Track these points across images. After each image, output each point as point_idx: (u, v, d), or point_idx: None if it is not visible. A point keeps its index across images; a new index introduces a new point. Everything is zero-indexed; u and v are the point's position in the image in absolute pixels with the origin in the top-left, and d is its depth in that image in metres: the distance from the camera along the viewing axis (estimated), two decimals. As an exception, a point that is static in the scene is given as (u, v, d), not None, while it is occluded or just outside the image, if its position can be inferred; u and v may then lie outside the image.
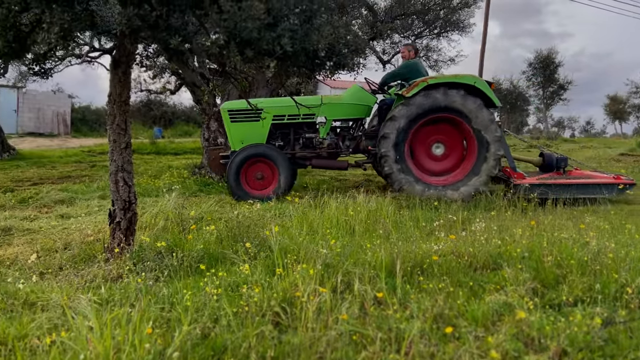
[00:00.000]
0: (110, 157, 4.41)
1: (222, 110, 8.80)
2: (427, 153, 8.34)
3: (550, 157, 8.63)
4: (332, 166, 8.76)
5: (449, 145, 8.32)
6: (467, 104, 7.78)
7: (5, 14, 3.60)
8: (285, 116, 8.49)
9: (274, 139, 8.67)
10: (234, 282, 3.56)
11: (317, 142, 8.60)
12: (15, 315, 3.11)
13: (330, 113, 8.49)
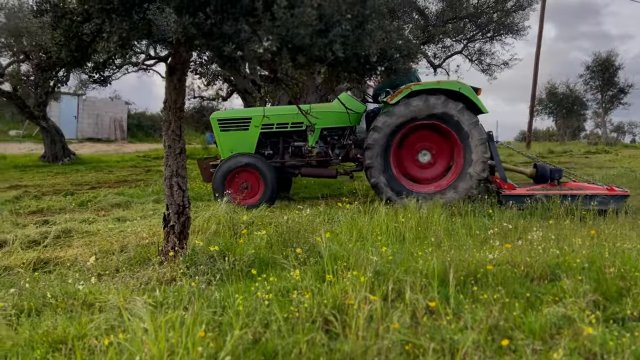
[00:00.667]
0: (165, 162, 4.51)
1: (212, 120, 8.90)
2: (413, 161, 8.30)
3: (543, 168, 8.48)
4: (321, 174, 8.71)
5: (435, 152, 8.28)
6: (449, 110, 7.72)
7: (69, 24, 3.76)
8: (274, 125, 8.51)
9: (263, 147, 8.65)
10: (284, 287, 3.57)
11: (305, 150, 8.58)
12: (75, 315, 3.22)
13: (320, 121, 8.42)
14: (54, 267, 4.72)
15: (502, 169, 8.15)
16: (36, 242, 5.79)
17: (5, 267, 4.61)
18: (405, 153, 8.27)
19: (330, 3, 3.23)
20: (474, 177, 7.80)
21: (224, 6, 3.25)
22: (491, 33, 13.85)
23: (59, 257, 4.96)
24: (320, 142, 8.60)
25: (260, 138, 8.55)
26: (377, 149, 7.83)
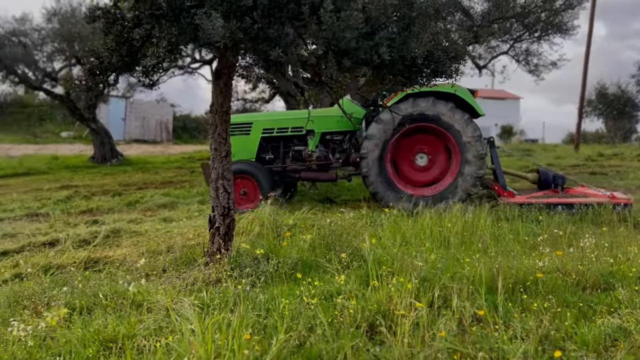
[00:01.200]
0: (211, 164, 4.58)
1: None
2: (411, 164, 8.25)
3: (546, 174, 8.26)
4: (321, 178, 8.69)
5: (433, 154, 8.18)
6: (439, 110, 7.65)
7: (120, 30, 3.86)
8: (275, 129, 8.54)
9: (264, 152, 8.66)
10: (326, 291, 3.56)
11: (306, 154, 8.57)
12: (124, 314, 3.30)
13: (319, 126, 8.45)
14: (103, 266, 4.85)
15: (502, 176, 8.02)
16: (86, 242, 5.98)
17: (58, 265, 4.76)
18: (402, 157, 8.28)
19: (376, 6, 3.21)
20: (472, 176, 7.72)
21: (270, 11, 3.27)
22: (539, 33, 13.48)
23: (108, 257, 5.10)
24: (321, 146, 8.61)
25: (261, 143, 8.58)
26: (372, 157, 7.86)
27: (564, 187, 8.00)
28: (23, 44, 15.34)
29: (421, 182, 8.21)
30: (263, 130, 8.53)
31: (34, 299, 3.52)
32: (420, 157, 8.22)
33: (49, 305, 3.52)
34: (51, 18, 15.85)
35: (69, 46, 15.93)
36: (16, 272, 4.67)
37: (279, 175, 8.60)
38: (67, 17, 15.16)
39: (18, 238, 6.54)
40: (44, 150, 21.64)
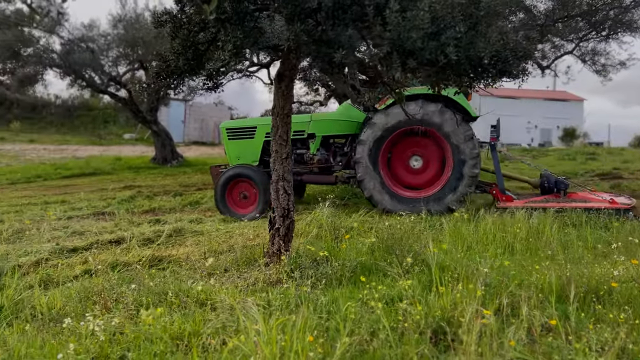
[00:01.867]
0: (272, 166, 4.62)
1: (221, 129, 9.24)
2: (405, 167, 8.21)
3: (548, 179, 8.06)
4: (322, 181, 8.83)
5: (427, 157, 8.16)
6: (428, 112, 7.62)
7: (186, 34, 3.95)
8: None
9: (268, 155, 8.42)
10: (388, 295, 3.51)
11: (307, 157, 8.67)
12: (189, 312, 3.37)
13: (320, 129, 8.54)
14: (167, 264, 4.99)
15: (501, 180, 7.88)
16: (150, 240, 6.16)
17: (125, 262, 4.93)
18: (397, 160, 8.26)
19: (442, 5, 3.14)
20: (466, 176, 7.66)
21: (334, 12, 3.26)
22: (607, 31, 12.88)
23: (172, 255, 5.23)
24: (322, 149, 8.69)
25: (264, 146, 8.67)
26: (365, 162, 7.91)
27: (566, 192, 7.88)
28: (91, 50, 16.03)
29: (416, 184, 8.20)
30: (266, 134, 8.63)
31: (104, 294, 3.65)
32: (415, 159, 8.22)
33: (117, 301, 3.65)
34: (117, 24, 16.50)
35: (132, 51, 16.54)
36: (85, 269, 4.86)
37: None
38: (131, 23, 15.74)
39: (86, 236, 6.82)
40: (108, 152, 22.57)
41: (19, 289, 3.98)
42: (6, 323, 3.40)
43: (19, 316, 3.61)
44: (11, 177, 15.62)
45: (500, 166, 8.04)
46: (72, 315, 3.41)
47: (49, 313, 3.56)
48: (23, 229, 7.31)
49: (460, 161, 7.68)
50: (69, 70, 16.04)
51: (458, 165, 7.70)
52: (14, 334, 3.03)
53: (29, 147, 25.37)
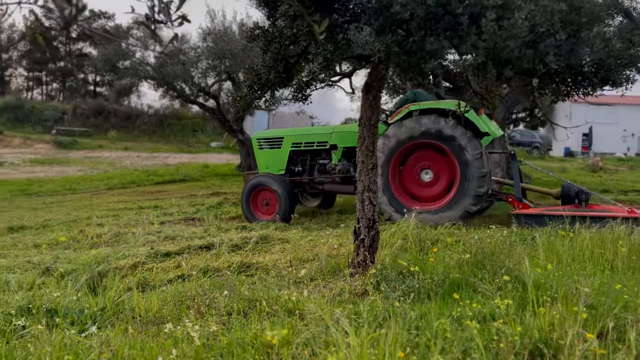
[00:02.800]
0: (357, 177, 4.62)
1: (252, 139, 9.84)
2: (415, 180, 8.22)
3: (568, 189, 7.85)
4: (342, 191, 9.05)
5: (437, 170, 8.10)
6: (440, 127, 7.61)
7: (278, 47, 4.05)
8: (302, 144, 9.10)
9: (293, 164, 9.24)
10: (479, 312, 3.39)
11: (329, 167, 8.97)
12: (278, 320, 3.42)
13: (341, 141, 8.78)
14: (255, 271, 5.11)
15: (518, 189, 7.75)
16: (238, 247, 6.34)
17: (215, 268, 5.10)
18: (407, 172, 8.22)
19: (542, 13, 3.02)
20: (471, 194, 7.56)
21: (427, 22, 3.22)
22: None
23: (259, 262, 5.36)
24: (344, 160, 8.89)
25: (291, 156, 9.17)
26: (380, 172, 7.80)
27: (587, 202, 7.68)
28: (182, 62, 16.83)
29: (425, 197, 8.12)
30: (292, 144, 9.15)
31: (197, 300, 3.79)
32: (425, 172, 8.14)
33: (209, 306, 3.78)
34: (206, 37, 17.22)
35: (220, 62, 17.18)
36: (179, 273, 5.08)
37: (305, 186, 9.30)
38: (220, 36, 16.37)
39: (178, 240, 7.14)
40: (196, 159, 23.56)
41: (119, 291, 4.23)
42: (109, 324, 3.61)
43: (119, 317, 3.82)
44: (108, 182, 16.68)
45: (519, 176, 7.98)
46: (168, 318, 3.56)
47: (146, 315, 3.74)
48: (120, 233, 7.78)
49: (467, 177, 7.59)
50: (162, 81, 16.94)
51: (465, 181, 7.62)
52: (117, 334, 3.21)
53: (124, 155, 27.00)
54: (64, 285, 4.56)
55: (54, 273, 5.26)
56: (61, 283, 4.73)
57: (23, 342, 2.94)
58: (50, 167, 21.89)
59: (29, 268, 5.67)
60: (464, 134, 7.55)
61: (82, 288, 4.40)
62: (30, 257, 6.27)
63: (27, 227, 8.89)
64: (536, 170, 9.74)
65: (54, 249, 6.92)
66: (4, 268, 5.68)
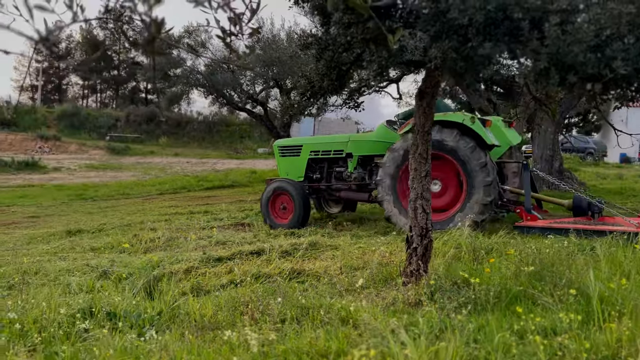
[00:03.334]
0: (410, 184, 4.56)
1: (274, 146, 10.21)
2: None
3: (579, 200, 7.82)
4: (356, 198, 9.31)
5: (445, 181, 8.18)
6: (444, 138, 7.68)
7: (331, 55, 4.05)
8: (320, 152, 9.37)
9: (312, 172, 9.54)
10: (539, 325, 3.28)
11: (346, 175, 9.17)
12: (331, 328, 3.41)
13: (357, 149, 9.02)
14: (306, 277, 5.12)
15: (528, 200, 7.76)
16: (288, 253, 6.37)
17: (266, 274, 5.14)
18: None
19: (608, 17, 2.90)
20: (477, 203, 7.56)
21: (486, 28, 3.15)
22: None
23: (310, 269, 5.36)
24: (359, 168, 9.11)
25: (309, 163, 9.46)
26: (386, 183, 8.14)
27: (600, 215, 7.58)
28: (231, 70, 17.15)
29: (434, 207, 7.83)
30: (310, 152, 9.45)
31: (251, 306, 3.82)
32: (433, 183, 8.06)
33: (263, 312, 3.80)
34: (254, 45, 17.50)
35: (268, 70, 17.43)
36: (231, 278, 5.14)
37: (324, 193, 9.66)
38: (268, 44, 16.60)
39: (229, 245, 7.24)
40: (244, 165, 23.89)
41: (174, 296, 4.31)
42: (166, 328, 3.67)
43: (175, 321, 3.89)
44: (160, 187, 17.11)
45: (530, 186, 7.93)
46: (224, 324, 3.60)
47: (201, 320, 3.79)
48: (173, 237, 7.95)
49: (473, 188, 7.63)
50: (211, 89, 17.30)
51: (470, 191, 7.67)
52: (174, 339, 3.26)
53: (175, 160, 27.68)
54: (121, 289, 4.69)
55: (111, 276, 5.42)
56: (119, 286, 4.86)
57: (86, 345, 3.03)
58: (104, 173, 22.67)
59: (87, 271, 5.86)
60: (466, 145, 7.62)
61: (139, 292, 4.50)
62: (87, 260, 6.49)
63: (84, 231, 9.21)
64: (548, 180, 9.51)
65: (110, 253, 7.14)
66: (65, 270, 5.89)
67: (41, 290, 4.83)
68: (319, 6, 4.20)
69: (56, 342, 3.05)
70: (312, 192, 9.55)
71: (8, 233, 9.47)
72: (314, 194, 9.67)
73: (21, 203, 14.32)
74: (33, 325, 3.42)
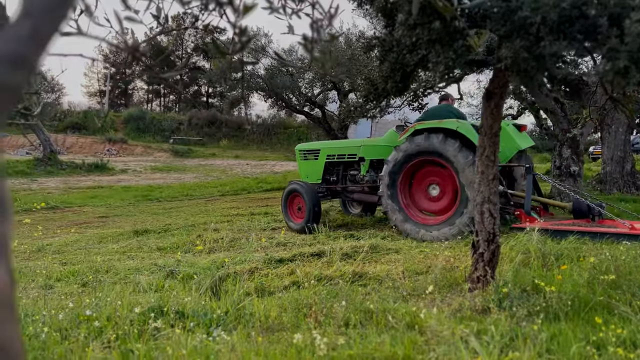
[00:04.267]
0: (477, 188, 4.45)
1: (296, 150, 10.76)
2: (424, 193, 8.48)
3: (579, 203, 7.81)
4: (369, 200, 9.45)
5: (443, 186, 8.27)
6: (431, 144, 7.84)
7: (396, 57, 4.01)
8: (335, 155, 9.86)
9: (329, 174, 10.05)
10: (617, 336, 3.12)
11: (359, 178, 9.57)
12: (397, 334, 3.37)
13: (369, 154, 9.36)
14: (367, 280, 5.09)
15: (528, 202, 7.70)
16: (348, 255, 6.36)
17: (328, 277, 5.14)
18: (417, 186, 8.54)
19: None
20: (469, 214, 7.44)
21: (560, 26, 3.03)
22: None
23: (371, 272, 5.32)
24: (371, 171, 9.42)
25: (326, 166, 9.99)
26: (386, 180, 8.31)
27: (601, 217, 7.58)
28: (290, 73, 17.33)
29: (431, 210, 8.44)
30: (327, 156, 10.00)
31: (314, 308, 3.83)
32: (432, 187, 8.40)
33: (326, 315, 3.80)
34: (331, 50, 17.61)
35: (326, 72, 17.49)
36: (293, 280, 5.18)
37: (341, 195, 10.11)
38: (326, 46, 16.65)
39: (289, 247, 7.32)
40: (301, 167, 24.06)
41: (239, 296, 4.38)
42: (232, 328, 3.74)
43: (240, 322, 3.95)
44: (221, 189, 17.50)
45: (531, 189, 7.90)
46: (288, 326, 3.63)
47: (266, 321, 3.84)
48: (235, 238, 8.11)
49: (465, 198, 7.60)
50: (271, 92, 17.54)
51: (463, 201, 7.63)
52: (240, 339, 3.32)
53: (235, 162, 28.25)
54: (189, 289, 4.81)
55: (177, 276, 5.59)
56: (186, 286, 4.99)
57: (159, 343, 3.13)
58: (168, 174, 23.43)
59: (155, 270, 6.05)
60: (451, 146, 7.70)
61: (206, 292, 4.61)
62: (154, 260, 6.71)
63: (150, 231, 9.54)
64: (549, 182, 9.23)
65: (175, 253, 7.36)
66: (134, 269, 6.12)
67: (113, 288, 5.05)
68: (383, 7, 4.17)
69: (130, 340, 3.16)
70: (329, 193, 10.10)
71: (81, 232, 9.94)
72: (333, 195, 10.23)
73: (92, 203, 15.01)
74: (107, 322, 3.56)
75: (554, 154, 10.18)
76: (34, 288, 5.47)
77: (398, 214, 8.22)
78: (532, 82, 3.90)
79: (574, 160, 9.66)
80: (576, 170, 9.65)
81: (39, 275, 5.80)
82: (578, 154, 9.70)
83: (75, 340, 3.10)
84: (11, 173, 21.73)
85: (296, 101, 19.06)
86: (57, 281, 5.70)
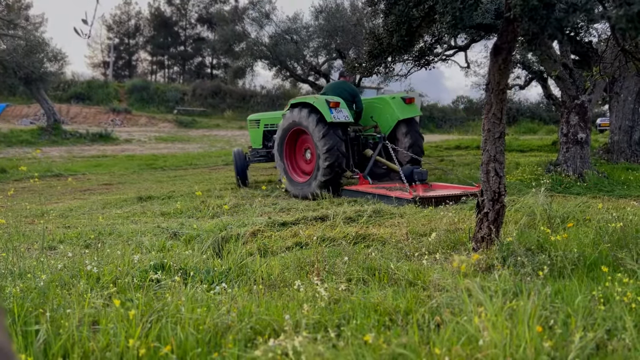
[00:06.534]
0: (482, 147, 4.37)
1: (247, 120, 12.63)
2: (302, 157, 10.07)
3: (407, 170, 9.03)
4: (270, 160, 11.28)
5: (312, 151, 9.60)
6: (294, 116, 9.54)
7: (402, 9, 3.89)
8: (269, 125, 11.58)
9: (267, 140, 11.68)
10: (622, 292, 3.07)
11: None
12: (399, 289, 3.34)
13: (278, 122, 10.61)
14: (370, 242, 5.06)
15: (369, 167, 9.52)
16: (352, 219, 6.33)
17: (331, 238, 5.11)
18: (298, 150, 10.13)
19: None
20: (322, 167, 8.99)
21: (572, -29, 2.91)
22: None
23: (374, 234, 5.29)
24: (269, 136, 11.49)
25: (265, 134, 11.74)
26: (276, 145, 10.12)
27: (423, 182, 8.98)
28: (295, 41, 17.08)
29: (306, 171, 9.89)
30: (264, 125, 11.71)
31: (317, 265, 3.80)
32: (307, 152, 9.85)
33: (329, 272, 3.78)
34: (318, 15, 17.32)
35: (331, 40, 17.23)
36: (296, 241, 5.16)
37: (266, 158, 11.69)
38: (332, 13, 16.38)
39: (292, 212, 7.29)
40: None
41: (241, 255, 4.36)
42: (235, 284, 3.72)
43: (242, 279, 3.93)
44: (225, 159, 17.46)
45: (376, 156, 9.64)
46: (290, 281, 3.61)
47: (268, 278, 3.82)
48: (238, 204, 8.08)
49: (318, 155, 9.09)
50: (275, 61, 17.32)
51: (318, 158, 9.09)
52: (242, 293, 3.30)
53: (239, 133, 28.14)
54: (191, 248, 4.80)
55: (181, 237, 5.57)
56: (188, 246, 4.98)
57: (158, 294, 3.11)
58: (172, 144, 23.39)
59: (158, 232, 6.04)
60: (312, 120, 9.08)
61: (207, 251, 4.59)
62: (158, 224, 6.69)
63: (154, 197, 9.52)
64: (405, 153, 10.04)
65: (179, 217, 7.34)
66: (137, 232, 6.11)
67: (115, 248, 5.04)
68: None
69: (130, 290, 3.14)
70: (270, 157, 11.35)
71: (84, 199, 9.94)
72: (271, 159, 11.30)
73: (95, 171, 15.01)
74: (109, 276, 3.54)
75: (562, 121, 10.04)
76: (36, 249, 5.47)
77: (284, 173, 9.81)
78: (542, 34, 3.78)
79: (581, 127, 9.52)
80: (583, 137, 9.52)
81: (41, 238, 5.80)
82: (586, 121, 9.56)
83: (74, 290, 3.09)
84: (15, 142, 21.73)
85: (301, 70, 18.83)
86: (60, 242, 5.69)
